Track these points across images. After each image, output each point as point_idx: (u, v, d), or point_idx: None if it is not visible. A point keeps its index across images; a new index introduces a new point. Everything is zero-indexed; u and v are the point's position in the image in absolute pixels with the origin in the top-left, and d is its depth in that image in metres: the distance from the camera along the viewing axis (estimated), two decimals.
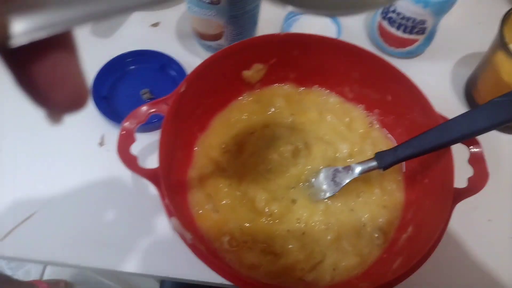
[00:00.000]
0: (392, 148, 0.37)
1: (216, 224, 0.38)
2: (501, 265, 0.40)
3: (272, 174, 0.41)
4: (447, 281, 0.40)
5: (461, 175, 0.36)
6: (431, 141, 0.35)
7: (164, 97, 0.37)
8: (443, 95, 0.52)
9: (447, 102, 0.51)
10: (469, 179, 0.35)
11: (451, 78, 0.53)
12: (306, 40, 0.42)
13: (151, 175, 0.33)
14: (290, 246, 0.37)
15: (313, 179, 0.41)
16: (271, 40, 0.41)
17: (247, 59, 0.43)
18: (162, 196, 0.32)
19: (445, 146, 0.35)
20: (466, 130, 0.33)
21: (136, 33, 0.55)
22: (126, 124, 0.35)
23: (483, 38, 0.56)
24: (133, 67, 0.50)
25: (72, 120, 0.47)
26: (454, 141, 0.34)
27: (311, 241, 0.38)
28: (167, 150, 0.36)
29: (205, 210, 0.39)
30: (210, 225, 0.38)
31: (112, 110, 0.46)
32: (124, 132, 0.35)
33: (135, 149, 0.36)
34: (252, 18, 0.46)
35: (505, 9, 0.46)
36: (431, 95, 0.50)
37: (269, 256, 0.37)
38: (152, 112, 0.37)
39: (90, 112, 0.46)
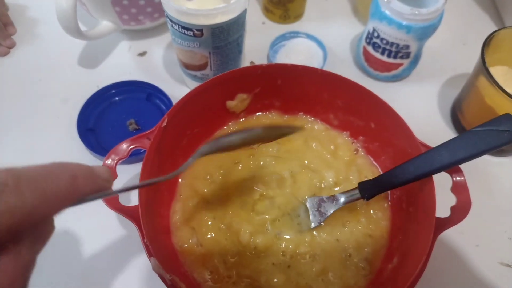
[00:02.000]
0: (375, 178, 0.37)
1: (200, 259, 0.37)
2: None
3: (257, 205, 0.41)
4: None
5: (446, 203, 0.36)
6: (412, 172, 0.35)
7: (146, 132, 0.37)
8: (430, 117, 0.52)
9: (434, 125, 0.51)
10: (452, 208, 0.35)
11: (437, 101, 0.53)
12: (288, 70, 0.42)
13: (131, 214, 0.33)
14: (275, 280, 0.36)
15: (299, 210, 0.40)
16: (254, 71, 0.42)
17: (231, 90, 0.43)
18: (142, 236, 0.32)
19: (427, 176, 0.34)
20: (446, 160, 0.33)
21: (123, 63, 0.56)
22: (108, 162, 0.35)
23: (468, 59, 0.56)
24: (118, 97, 0.50)
25: (57, 154, 0.48)
26: (435, 171, 0.34)
27: (297, 273, 0.37)
28: (148, 187, 0.35)
29: (189, 244, 0.38)
30: (193, 260, 0.37)
31: (98, 142, 0.46)
32: None
33: (120, 182, 0.36)
34: (236, 48, 0.46)
35: (490, 29, 0.46)
36: (417, 118, 0.51)
37: None
38: (133, 148, 0.37)
39: (76, 146, 0.46)
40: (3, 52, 0.55)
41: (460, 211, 0.34)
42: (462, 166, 0.35)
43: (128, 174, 0.44)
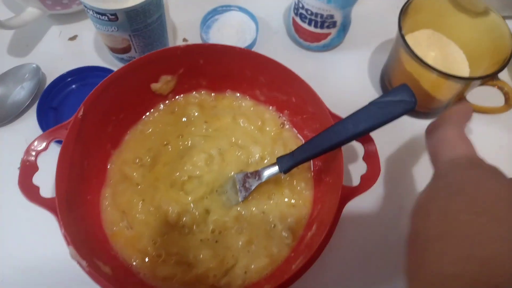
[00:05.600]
0: (290, 152, 0.38)
1: (130, 241, 0.39)
2: None
3: (186, 185, 0.42)
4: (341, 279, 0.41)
5: (360, 172, 0.37)
6: (322, 144, 0.36)
7: (64, 123, 0.38)
8: (361, 85, 0.53)
9: (365, 93, 0.52)
10: (362, 177, 0.37)
11: (369, 67, 0.54)
12: (208, 50, 0.42)
13: (52, 205, 0.34)
14: (202, 255, 0.38)
15: (226, 186, 0.42)
16: (173, 52, 0.42)
17: (154, 72, 0.43)
18: (60, 226, 0.33)
19: (337, 146, 0.36)
20: (350, 132, 0.34)
21: (55, 48, 0.55)
22: (25, 157, 0.36)
23: None
24: (74, 86, 0.50)
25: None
26: (342, 143, 0.35)
27: (224, 247, 0.39)
28: (69, 176, 0.36)
29: (120, 227, 0.40)
30: (124, 242, 0.39)
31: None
32: (25, 164, 0.36)
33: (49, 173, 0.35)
34: (159, 28, 0.46)
35: None
36: (349, 86, 0.52)
37: (183, 266, 0.38)
38: (52, 139, 0.37)
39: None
40: None
41: (370, 178, 0.36)
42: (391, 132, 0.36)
43: None
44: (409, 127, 0.49)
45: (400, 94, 0.33)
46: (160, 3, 0.43)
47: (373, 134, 0.36)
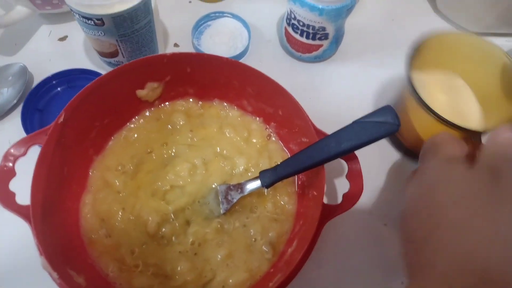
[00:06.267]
0: (274, 167, 0.38)
1: (108, 249, 0.38)
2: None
3: (167, 195, 0.41)
4: None
5: (343, 190, 0.37)
6: (306, 160, 0.36)
7: (45, 128, 0.37)
8: (353, 98, 0.52)
9: (356, 106, 0.51)
10: (344, 195, 0.36)
11: (361, 81, 0.53)
12: (195, 59, 0.42)
13: (26, 213, 0.34)
14: (180, 267, 0.38)
15: (208, 197, 0.41)
16: (159, 60, 0.41)
17: (140, 79, 0.43)
18: (33, 234, 0.32)
19: (320, 164, 0.35)
20: (333, 151, 0.34)
21: (44, 48, 0.54)
22: (2, 162, 0.35)
23: (397, 35, 0.56)
24: (61, 88, 0.49)
25: None
26: (324, 161, 0.35)
27: (203, 260, 0.39)
28: (48, 182, 0.36)
29: (98, 235, 0.39)
30: (102, 251, 0.38)
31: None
32: (2, 169, 0.35)
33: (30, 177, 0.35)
34: (147, 34, 0.45)
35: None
36: (340, 99, 0.51)
37: (160, 278, 0.38)
38: (31, 145, 0.36)
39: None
40: None
41: (350, 198, 0.36)
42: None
43: None
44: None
45: (385, 115, 0.32)
46: (148, 9, 0.43)
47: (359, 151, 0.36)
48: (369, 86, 0.53)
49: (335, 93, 0.52)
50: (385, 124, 0.32)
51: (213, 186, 0.42)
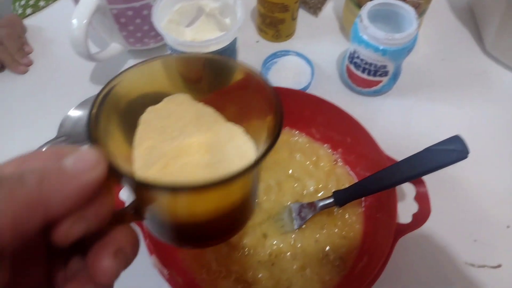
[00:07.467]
0: (346, 188, 0.42)
1: (195, 257, 0.43)
2: None
3: None
4: None
5: (411, 211, 0.41)
6: (377, 184, 0.40)
7: None
8: (406, 132, 0.56)
9: (410, 139, 0.55)
10: (413, 215, 0.40)
11: (414, 115, 0.58)
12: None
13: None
14: (260, 275, 0.42)
15: (283, 214, 0.46)
16: None
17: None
18: (144, 236, 0.37)
19: (389, 187, 0.40)
20: (405, 175, 0.38)
21: None
22: None
23: (446, 73, 0.61)
24: None
25: None
26: (396, 184, 0.39)
27: (279, 270, 0.43)
28: None
29: None
30: (190, 258, 0.43)
31: None
32: None
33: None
34: None
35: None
36: (395, 131, 0.56)
37: (242, 284, 0.42)
38: None
39: None
40: (22, 70, 0.62)
41: (420, 218, 0.40)
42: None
43: None
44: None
45: (454, 143, 0.37)
46: (235, 48, 0.49)
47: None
48: (418, 121, 0.57)
49: (391, 124, 0.57)
50: (454, 152, 0.37)
51: (287, 204, 0.46)
